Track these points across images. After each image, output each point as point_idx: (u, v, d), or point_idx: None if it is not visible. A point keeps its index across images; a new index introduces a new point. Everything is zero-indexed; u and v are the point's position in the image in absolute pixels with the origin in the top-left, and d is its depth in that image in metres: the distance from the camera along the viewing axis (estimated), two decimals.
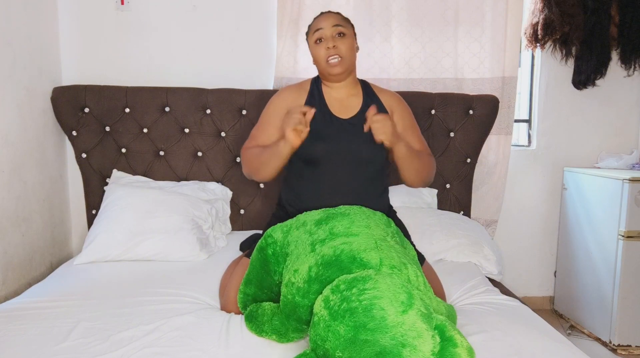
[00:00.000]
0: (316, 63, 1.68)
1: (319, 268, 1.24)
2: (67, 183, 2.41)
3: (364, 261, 1.23)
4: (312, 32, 1.66)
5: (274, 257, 1.43)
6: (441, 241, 2.04)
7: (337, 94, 1.70)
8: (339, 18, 1.66)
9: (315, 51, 1.65)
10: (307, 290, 1.22)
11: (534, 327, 1.42)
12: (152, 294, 1.58)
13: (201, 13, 2.41)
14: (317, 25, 1.64)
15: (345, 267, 1.22)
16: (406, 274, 1.22)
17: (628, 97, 2.69)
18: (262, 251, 1.46)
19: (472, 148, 2.42)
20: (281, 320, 1.27)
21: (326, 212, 1.46)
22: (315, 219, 1.42)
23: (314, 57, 1.68)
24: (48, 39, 2.25)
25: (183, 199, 2.08)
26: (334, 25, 1.62)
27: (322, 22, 1.64)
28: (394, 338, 1.02)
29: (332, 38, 1.61)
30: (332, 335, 1.07)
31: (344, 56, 1.61)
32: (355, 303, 1.08)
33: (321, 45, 1.62)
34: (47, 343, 1.26)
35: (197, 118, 2.30)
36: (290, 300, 1.24)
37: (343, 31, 1.62)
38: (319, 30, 1.62)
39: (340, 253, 1.26)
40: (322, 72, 1.68)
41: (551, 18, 2.45)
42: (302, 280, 1.24)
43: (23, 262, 2.00)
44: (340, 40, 1.62)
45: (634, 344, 2.31)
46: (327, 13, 1.68)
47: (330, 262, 1.24)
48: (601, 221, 2.40)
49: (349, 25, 1.68)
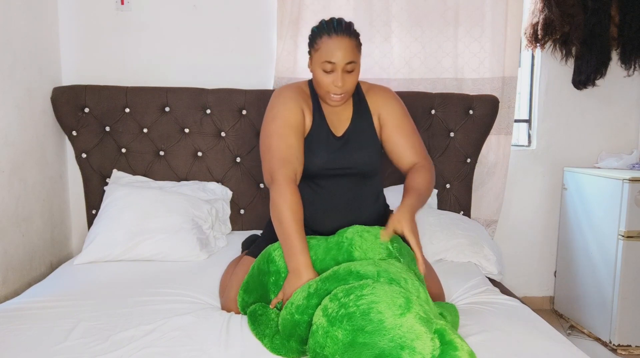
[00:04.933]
0: (317, 86, 1.57)
1: (317, 283, 1.24)
2: (67, 183, 2.41)
3: (360, 274, 1.22)
4: (320, 56, 1.51)
5: (275, 286, 1.42)
6: (441, 241, 2.04)
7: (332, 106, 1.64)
8: (352, 47, 1.51)
9: (321, 78, 1.53)
10: (306, 306, 1.21)
11: (534, 327, 1.42)
12: (152, 294, 1.58)
13: (201, 13, 2.41)
14: (329, 56, 1.48)
15: (343, 279, 1.22)
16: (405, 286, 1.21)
17: (628, 97, 2.69)
18: (264, 275, 1.44)
19: (472, 148, 2.42)
20: (282, 340, 1.26)
21: (330, 254, 1.41)
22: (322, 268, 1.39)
23: (316, 80, 1.55)
24: (48, 39, 2.25)
25: (183, 199, 2.08)
26: (348, 63, 1.49)
27: (336, 53, 1.48)
28: (392, 341, 1.02)
29: (342, 74, 1.50)
30: (330, 341, 1.07)
31: (347, 92, 1.55)
32: (353, 308, 1.08)
33: (329, 76, 1.51)
34: (47, 343, 1.26)
35: (197, 118, 2.30)
36: (290, 320, 1.23)
37: (353, 67, 1.52)
38: (330, 63, 1.49)
39: (337, 268, 1.27)
40: (321, 96, 1.60)
41: (551, 18, 2.45)
42: (301, 297, 1.23)
43: (23, 262, 2.00)
44: (349, 76, 1.52)
45: (634, 344, 2.31)
46: (342, 36, 1.49)
47: (329, 277, 1.25)
48: (601, 221, 2.40)
49: (359, 54, 1.55)
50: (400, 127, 1.64)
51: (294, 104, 1.57)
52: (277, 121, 1.54)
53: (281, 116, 1.55)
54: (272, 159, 1.49)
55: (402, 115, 1.66)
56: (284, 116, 1.55)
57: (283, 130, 1.52)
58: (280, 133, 1.52)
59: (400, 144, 1.63)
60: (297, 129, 1.54)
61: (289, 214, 1.40)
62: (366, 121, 1.64)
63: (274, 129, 1.53)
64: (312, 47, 1.55)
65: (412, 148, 1.63)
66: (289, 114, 1.55)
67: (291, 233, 1.39)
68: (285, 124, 1.53)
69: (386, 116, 1.64)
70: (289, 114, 1.55)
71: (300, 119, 1.56)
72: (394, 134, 1.63)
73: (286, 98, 1.59)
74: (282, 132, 1.52)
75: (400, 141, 1.63)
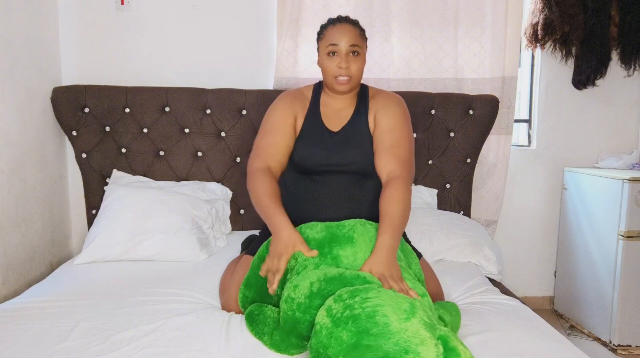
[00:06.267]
0: (324, 74, 1.64)
1: (320, 283, 1.23)
2: (67, 183, 2.41)
3: (367, 280, 1.23)
4: (326, 42, 1.60)
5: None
6: (441, 241, 2.04)
7: (335, 103, 1.69)
8: (356, 34, 1.59)
9: (326, 63, 1.60)
10: (308, 305, 1.20)
11: (534, 327, 1.42)
12: (152, 294, 1.58)
13: (201, 13, 2.41)
14: (333, 39, 1.58)
15: (349, 282, 1.22)
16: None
17: (628, 97, 2.69)
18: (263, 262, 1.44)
19: (472, 148, 2.42)
20: (282, 336, 1.25)
21: (329, 231, 1.43)
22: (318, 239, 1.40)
23: (323, 67, 1.63)
24: (48, 39, 2.25)
25: (183, 199, 2.08)
26: (351, 45, 1.57)
27: (339, 36, 1.57)
28: (397, 344, 1.02)
29: (346, 56, 1.57)
30: (334, 342, 1.06)
31: (353, 75, 1.59)
32: (359, 310, 1.08)
33: (333, 59, 1.58)
34: (47, 343, 1.26)
35: (197, 118, 2.30)
36: (291, 316, 1.23)
37: (358, 50, 1.58)
38: (334, 45, 1.57)
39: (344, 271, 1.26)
40: (328, 84, 1.65)
41: (551, 18, 2.45)
42: (302, 295, 1.23)
43: (23, 262, 2.00)
44: (354, 59, 1.58)
45: (634, 344, 2.31)
46: (345, 24, 1.60)
47: (334, 278, 1.24)
48: (601, 221, 2.40)
49: (363, 44, 1.62)
50: (391, 129, 1.61)
51: (285, 107, 1.68)
52: (266, 124, 1.68)
53: (269, 118, 1.68)
54: (252, 155, 1.65)
55: (399, 120, 1.63)
56: (271, 118, 1.67)
57: (268, 130, 1.66)
58: (264, 132, 1.66)
59: (384, 143, 1.59)
60: (283, 129, 1.64)
61: (261, 191, 1.51)
62: (363, 119, 1.66)
63: (262, 130, 1.68)
64: (319, 40, 1.65)
65: (394, 153, 1.56)
66: (276, 116, 1.67)
67: (265, 202, 1.49)
68: (270, 125, 1.66)
69: (381, 116, 1.64)
70: (276, 116, 1.67)
71: (287, 120, 1.65)
72: (382, 133, 1.61)
73: (280, 102, 1.70)
74: (267, 131, 1.66)
75: (385, 141, 1.59)
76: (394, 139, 1.59)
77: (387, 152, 1.57)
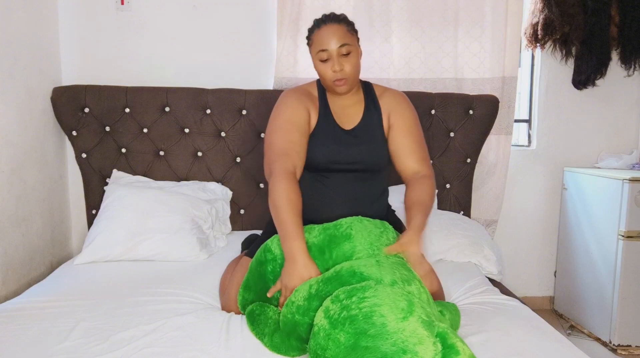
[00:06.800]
0: (321, 79, 1.63)
1: (318, 285, 1.23)
2: (67, 183, 2.41)
3: (364, 276, 1.22)
4: (315, 48, 1.58)
5: (273, 274, 1.42)
6: (441, 241, 2.04)
7: (341, 101, 1.68)
8: (343, 33, 1.56)
9: (321, 69, 1.59)
10: (307, 308, 1.20)
11: (534, 326, 1.42)
12: (152, 294, 1.58)
13: (201, 13, 2.41)
14: (322, 44, 1.55)
15: (346, 281, 1.21)
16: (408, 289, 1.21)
17: (628, 97, 2.69)
18: (261, 265, 1.45)
19: (472, 148, 2.42)
20: (282, 338, 1.25)
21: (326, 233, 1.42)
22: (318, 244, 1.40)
23: (319, 73, 1.61)
24: (48, 39, 2.25)
25: (183, 199, 2.08)
26: (340, 46, 1.54)
27: (327, 40, 1.54)
28: (395, 345, 1.02)
29: (337, 59, 1.55)
30: (332, 344, 1.06)
31: (349, 76, 1.57)
32: (356, 311, 1.07)
33: (327, 64, 1.56)
34: (47, 343, 1.26)
35: (197, 118, 2.30)
36: (290, 319, 1.23)
37: (349, 49, 1.55)
38: (324, 51, 1.55)
39: (340, 269, 1.26)
40: (328, 88, 1.65)
41: (551, 18, 2.45)
42: (302, 297, 1.23)
43: (23, 262, 2.00)
44: (346, 59, 1.56)
45: (634, 344, 2.31)
46: (330, 24, 1.57)
47: (331, 278, 1.24)
48: (601, 221, 2.40)
49: (353, 38, 1.59)
50: (409, 131, 1.65)
51: (298, 103, 1.61)
52: (279, 119, 1.59)
53: (283, 113, 1.60)
54: (272, 153, 1.53)
55: (413, 121, 1.68)
56: (287, 113, 1.59)
57: (285, 126, 1.56)
58: (281, 129, 1.56)
59: (405, 146, 1.63)
60: (300, 126, 1.57)
61: (285, 202, 1.40)
62: (376, 118, 1.66)
63: (277, 126, 1.58)
64: (309, 45, 1.62)
65: (417, 154, 1.62)
66: (292, 112, 1.59)
67: (286, 219, 1.38)
68: (286, 121, 1.57)
69: (396, 117, 1.66)
70: (292, 112, 1.59)
71: (303, 116, 1.59)
72: (401, 136, 1.64)
73: (290, 98, 1.64)
74: (283, 128, 1.56)
75: (406, 144, 1.63)
76: (413, 141, 1.64)
77: (411, 155, 1.62)
